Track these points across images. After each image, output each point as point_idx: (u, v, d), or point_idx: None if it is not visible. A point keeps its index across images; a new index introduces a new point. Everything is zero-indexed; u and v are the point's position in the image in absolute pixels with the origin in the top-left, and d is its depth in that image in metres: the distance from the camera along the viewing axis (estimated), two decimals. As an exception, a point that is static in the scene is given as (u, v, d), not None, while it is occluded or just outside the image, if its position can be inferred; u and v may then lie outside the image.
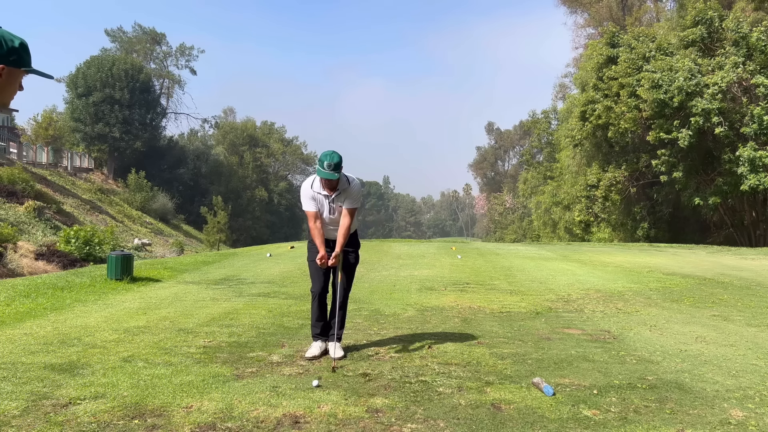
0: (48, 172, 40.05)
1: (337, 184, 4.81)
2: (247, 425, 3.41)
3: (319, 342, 5.02)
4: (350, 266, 5.10)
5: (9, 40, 2.01)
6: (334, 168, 4.61)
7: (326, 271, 5.03)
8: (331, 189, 4.83)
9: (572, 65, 48.61)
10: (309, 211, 4.90)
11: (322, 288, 5.00)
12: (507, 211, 70.59)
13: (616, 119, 27.27)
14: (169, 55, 70.35)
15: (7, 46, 2.00)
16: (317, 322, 5.05)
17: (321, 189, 4.85)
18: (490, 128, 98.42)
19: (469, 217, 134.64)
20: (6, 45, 1.99)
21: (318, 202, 4.89)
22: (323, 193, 4.85)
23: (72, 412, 3.54)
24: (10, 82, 2.02)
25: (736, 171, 23.54)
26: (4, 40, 1.99)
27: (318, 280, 5.00)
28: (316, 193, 4.87)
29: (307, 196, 4.90)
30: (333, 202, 4.86)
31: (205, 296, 8.28)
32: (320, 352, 4.94)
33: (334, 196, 4.84)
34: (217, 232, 47.30)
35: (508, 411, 3.69)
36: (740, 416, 3.66)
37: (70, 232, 23.55)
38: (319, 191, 4.86)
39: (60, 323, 6.20)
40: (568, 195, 36.86)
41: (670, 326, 6.44)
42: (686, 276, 11.21)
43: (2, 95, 2.03)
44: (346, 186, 4.85)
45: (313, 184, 4.89)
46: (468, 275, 11.07)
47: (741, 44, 24.22)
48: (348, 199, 4.87)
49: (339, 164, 4.63)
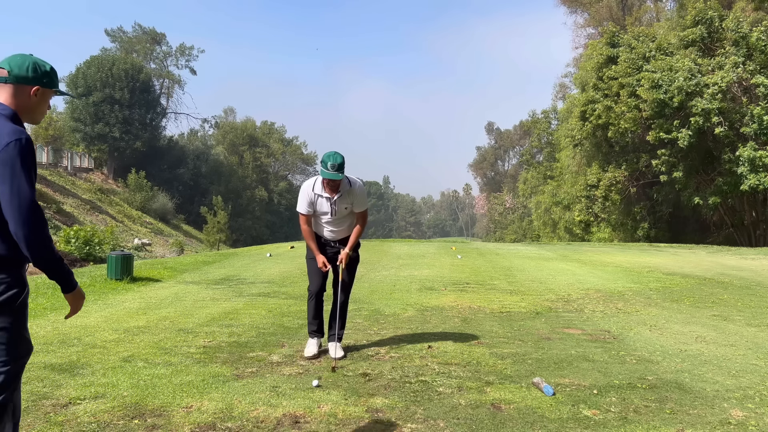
0: (48, 172, 40.05)
1: (339, 185, 4.79)
2: (247, 425, 3.41)
3: (315, 339, 5.06)
4: (350, 267, 5.10)
5: (42, 65, 2.39)
6: (338, 168, 4.60)
7: (325, 271, 5.03)
8: (334, 191, 4.80)
9: (572, 65, 48.62)
10: (302, 214, 4.90)
11: (319, 287, 5.02)
12: (507, 211, 70.56)
13: (616, 119, 27.27)
14: (169, 55, 70.39)
15: (41, 70, 2.38)
16: (314, 319, 5.08)
17: (322, 191, 4.83)
18: (490, 128, 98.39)
19: (469, 217, 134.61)
20: (40, 69, 2.38)
21: (317, 205, 4.86)
22: (324, 195, 4.83)
23: (72, 412, 3.54)
24: (42, 101, 2.41)
25: (736, 171, 23.54)
26: (38, 65, 2.37)
27: (316, 278, 5.02)
28: (317, 195, 4.84)
29: (305, 198, 4.88)
30: (335, 204, 4.84)
31: (205, 296, 8.28)
32: (318, 350, 4.99)
33: (336, 198, 4.81)
34: (217, 232, 47.30)
35: (508, 411, 3.69)
36: (740, 416, 3.66)
37: (70, 232, 23.53)
38: (320, 193, 4.83)
39: (60, 323, 6.20)
40: (568, 195, 36.86)
41: (670, 326, 6.44)
42: (686, 276, 11.21)
43: (35, 114, 2.41)
44: (347, 188, 4.84)
45: (314, 185, 4.86)
46: (468, 275, 11.07)
47: (741, 44, 24.22)
48: (356, 202, 4.88)
49: (342, 165, 4.63)
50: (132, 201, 48.83)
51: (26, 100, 2.35)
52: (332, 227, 4.96)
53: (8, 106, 2.31)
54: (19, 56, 2.38)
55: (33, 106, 2.38)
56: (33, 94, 2.36)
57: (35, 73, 2.35)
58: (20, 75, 2.33)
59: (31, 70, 2.35)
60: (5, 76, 2.33)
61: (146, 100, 58.05)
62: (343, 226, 4.98)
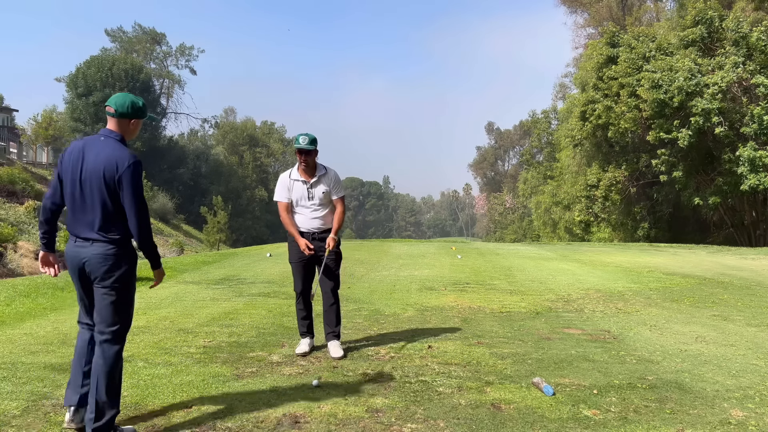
0: (48, 172, 40.04)
1: (314, 164, 4.97)
2: (247, 425, 3.41)
3: (306, 339, 5.09)
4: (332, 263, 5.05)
5: (136, 103, 3.34)
6: (310, 142, 4.82)
7: (309, 271, 5.08)
8: (309, 174, 4.96)
9: (572, 65, 48.61)
10: (280, 201, 5.05)
11: (304, 287, 5.07)
12: (507, 211, 70.56)
13: (616, 119, 27.25)
14: (169, 55, 70.44)
15: (136, 107, 3.33)
16: (303, 320, 5.11)
17: (299, 176, 4.99)
18: (490, 128, 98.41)
19: (469, 217, 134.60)
20: (135, 106, 3.33)
21: (294, 191, 4.99)
22: (301, 179, 4.97)
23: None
24: (137, 128, 3.38)
25: (736, 171, 23.53)
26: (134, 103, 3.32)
27: (300, 279, 5.07)
28: (294, 181, 4.99)
29: (282, 184, 5.05)
30: (312, 187, 4.96)
31: (205, 296, 8.28)
32: (309, 348, 5.04)
33: (312, 182, 4.95)
34: (217, 232, 47.28)
35: (508, 411, 3.69)
36: (740, 416, 3.66)
37: (70, 232, 23.51)
38: (296, 178, 4.99)
39: (60, 323, 6.20)
40: (568, 195, 36.83)
41: (670, 326, 6.44)
42: (686, 276, 11.20)
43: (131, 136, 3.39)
44: (323, 172, 5.00)
45: (291, 173, 5.04)
46: (468, 275, 11.07)
47: (741, 44, 24.20)
48: (333, 188, 5.02)
49: (314, 140, 4.86)
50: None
51: (126, 128, 3.32)
52: (312, 215, 4.99)
53: (117, 132, 3.28)
54: (121, 97, 3.31)
55: (131, 132, 3.35)
56: (130, 124, 3.32)
57: (132, 109, 3.30)
58: (122, 112, 3.28)
59: (129, 108, 3.29)
60: (112, 112, 3.27)
61: (146, 100, 57.73)
62: (322, 212, 5.01)
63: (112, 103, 3.26)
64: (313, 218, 5.00)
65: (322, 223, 5.02)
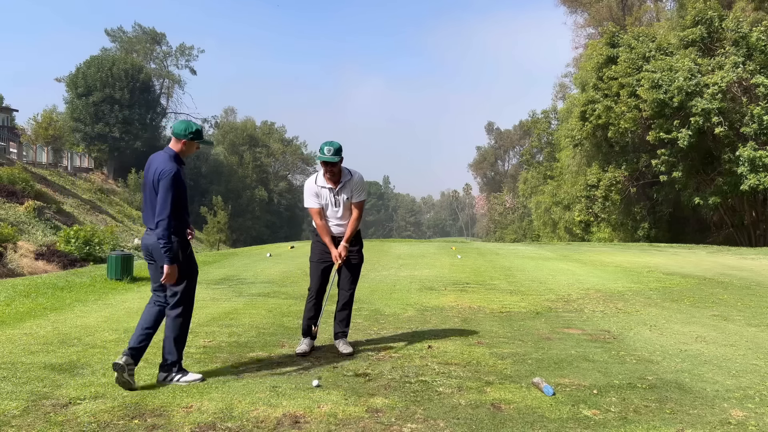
0: (48, 172, 40.04)
1: (339, 172, 4.89)
2: (247, 425, 3.41)
3: (307, 339, 5.09)
4: (354, 266, 5.12)
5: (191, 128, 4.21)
6: (335, 153, 4.73)
7: (326, 272, 5.06)
8: (334, 181, 4.90)
9: (572, 65, 48.62)
10: (312, 208, 4.98)
11: (319, 288, 5.05)
12: (507, 211, 70.56)
13: (616, 119, 27.25)
14: (169, 55, 70.41)
15: (189, 131, 4.19)
16: (309, 320, 5.09)
17: (325, 183, 4.92)
18: (490, 128, 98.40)
19: (469, 217, 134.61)
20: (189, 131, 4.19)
21: (322, 198, 4.94)
22: (327, 186, 4.91)
23: (72, 412, 3.54)
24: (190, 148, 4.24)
25: (736, 171, 23.52)
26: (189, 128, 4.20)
27: (317, 279, 5.05)
28: (320, 188, 4.93)
29: (310, 192, 4.98)
30: (338, 194, 4.91)
31: (205, 296, 8.28)
32: (309, 348, 5.03)
33: (338, 188, 4.90)
34: (217, 232, 47.31)
35: (508, 411, 3.69)
36: (740, 416, 3.66)
37: (70, 232, 23.56)
38: (323, 185, 4.93)
39: (60, 323, 6.20)
40: (568, 195, 36.83)
41: (670, 326, 6.44)
42: (686, 276, 11.20)
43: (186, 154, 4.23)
44: (348, 178, 4.94)
45: (317, 179, 4.96)
46: (468, 275, 11.07)
47: (741, 44, 24.20)
48: (355, 192, 4.96)
49: (339, 150, 4.76)
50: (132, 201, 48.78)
51: (181, 147, 4.18)
52: (338, 221, 5.00)
53: (174, 150, 4.16)
54: (180, 122, 4.25)
55: (185, 151, 4.21)
56: (183, 145, 4.18)
57: (186, 132, 4.17)
58: (179, 134, 4.16)
59: (184, 131, 4.16)
60: (171, 133, 4.20)
61: (146, 100, 58.03)
62: (347, 219, 5.02)
63: (175, 127, 4.21)
64: (340, 224, 5.01)
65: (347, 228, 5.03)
